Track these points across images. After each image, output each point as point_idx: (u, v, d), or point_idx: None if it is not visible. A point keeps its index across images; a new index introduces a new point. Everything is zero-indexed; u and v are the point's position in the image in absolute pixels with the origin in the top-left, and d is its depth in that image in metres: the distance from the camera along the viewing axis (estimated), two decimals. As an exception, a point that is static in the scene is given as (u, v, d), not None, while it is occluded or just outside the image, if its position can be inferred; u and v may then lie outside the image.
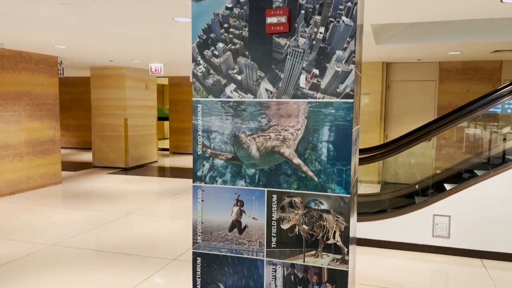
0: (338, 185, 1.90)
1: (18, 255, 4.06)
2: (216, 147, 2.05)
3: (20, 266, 3.79)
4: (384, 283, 3.51)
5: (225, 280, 2.08)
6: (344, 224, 1.91)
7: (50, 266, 3.80)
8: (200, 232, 2.11)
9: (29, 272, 3.66)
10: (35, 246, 4.33)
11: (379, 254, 4.25)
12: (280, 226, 1.99)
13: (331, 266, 1.93)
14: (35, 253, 4.14)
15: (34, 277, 3.56)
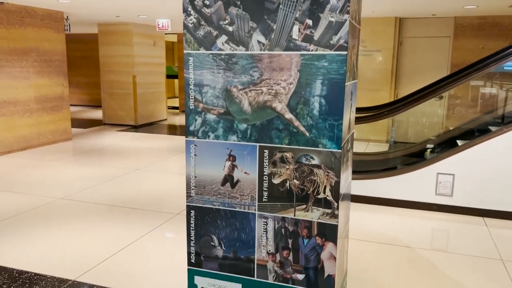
0: (329, 140, 1.88)
1: (27, 208, 4.18)
2: (208, 101, 2.02)
3: (29, 218, 3.91)
4: (385, 239, 3.55)
5: (218, 233, 2.12)
6: (335, 179, 1.90)
7: (57, 219, 3.92)
8: (193, 186, 2.12)
9: (37, 223, 3.79)
10: (43, 199, 4.46)
11: (382, 211, 4.27)
12: (272, 181, 1.99)
13: (321, 220, 1.95)
14: (43, 206, 4.26)
15: (42, 228, 3.68)
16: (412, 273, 2.97)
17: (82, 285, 2.72)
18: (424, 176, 4.28)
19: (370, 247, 3.40)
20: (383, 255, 3.26)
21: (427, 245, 3.47)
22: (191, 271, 2.20)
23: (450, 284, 2.83)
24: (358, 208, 4.36)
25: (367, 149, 7.50)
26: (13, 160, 6.28)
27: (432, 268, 3.06)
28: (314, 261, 1.99)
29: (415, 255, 3.27)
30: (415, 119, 7.39)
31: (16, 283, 2.75)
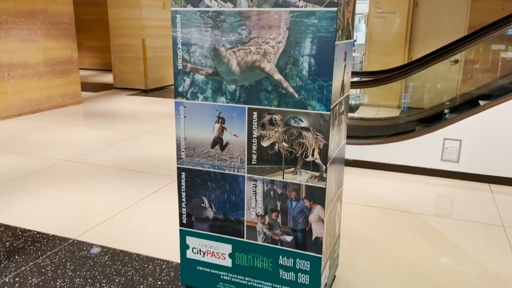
0: (318, 102, 1.82)
1: (34, 169, 4.26)
2: (196, 61, 1.97)
3: (35, 179, 4.00)
4: (387, 204, 3.53)
5: (209, 195, 2.12)
6: (323, 142, 1.86)
7: (62, 180, 3.99)
8: (183, 148, 2.11)
9: (42, 184, 3.87)
10: (50, 161, 4.53)
11: (387, 177, 4.24)
12: (261, 144, 1.96)
13: (309, 183, 1.92)
14: (50, 167, 4.34)
15: (47, 189, 3.76)
16: (411, 237, 2.96)
17: (82, 244, 2.79)
18: (431, 141, 4.20)
19: (371, 212, 3.39)
20: (384, 220, 3.25)
21: (429, 210, 3.45)
22: (182, 232, 2.22)
23: (449, 249, 2.82)
24: (363, 173, 4.33)
25: (377, 115, 7.39)
26: (23, 123, 6.38)
27: (433, 233, 3.05)
28: (302, 224, 1.98)
29: (417, 220, 3.25)
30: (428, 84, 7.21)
31: (18, 240, 2.83)
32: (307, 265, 2.02)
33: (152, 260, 2.61)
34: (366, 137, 5.23)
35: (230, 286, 2.19)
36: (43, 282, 2.36)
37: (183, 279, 2.30)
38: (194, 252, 2.23)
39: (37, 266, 2.52)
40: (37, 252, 2.68)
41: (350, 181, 4.08)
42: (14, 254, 2.65)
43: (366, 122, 6.30)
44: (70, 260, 2.59)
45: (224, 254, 2.16)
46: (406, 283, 2.41)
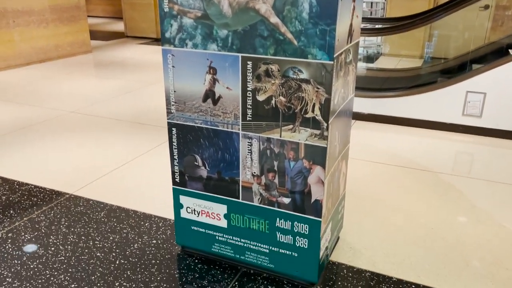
0: (320, 49, 1.59)
1: (36, 120, 4.17)
2: (183, 2, 1.74)
3: (36, 131, 3.91)
4: (402, 161, 3.33)
5: (202, 152, 1.96)
6: (325, 96, 1.65)
7: (64, 132, 3.89)
8: (173, 101, 1.93)
9: (44, 137, 3.78)
10: (54, 112, 4.43)
11: (403, 132, 4.01)
12: (256, 98, 1.76)
13: (309, 142, 1.73)
14: (52, 119, 4.24)
15: (48, 141, 3.67)
16: (425, 197, 2.78)
17: (79, 199, 2.71)
18: (452, 94, 3.91)
19: (383, 169, 3.20)
20: (397, 178, 3.07)
21: (446, 168, 3.23)
22: (176, 190, 2.09)
23: (464, 209, 2.64)
24: (378, 128, 4.10)
25: (398, 65, 7.00)
26: (30, 72, 6.26)
27: (448, 193, 2.86)
28: (300, 185, 1.82)
29: (432, 178, 3.06)
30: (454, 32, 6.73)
31: (15, 194, 2.77)
32: (305, 228, 1.88)
33: (149, 218, 2.51)
34: (383, 89, 4.94)
35: (226, 247, 2.08)
36: (36, 238, 2.30)
37: (178, 238, 2.19)
38: (188, 212, 2.10)
39: (32, 222, 2.45)
40: (32, 207, 2.61)
41: (364, 136, 3.87)
42: (9, 209, 2.59)
43: (385, 73, 5.97)
44: (65, 216, 2.51)
45: (219, 215, 2.04)
46: (415, 246, 2.27)
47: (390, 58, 7.90)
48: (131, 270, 2.05)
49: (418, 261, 2.15)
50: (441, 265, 2.12)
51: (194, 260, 2.15)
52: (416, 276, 2.05)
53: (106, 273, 2.03)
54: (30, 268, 2.06)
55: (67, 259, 2.13)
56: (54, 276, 2.01)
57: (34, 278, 1.99)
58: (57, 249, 2.21)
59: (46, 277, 2.00)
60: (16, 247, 2.22)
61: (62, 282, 1.97)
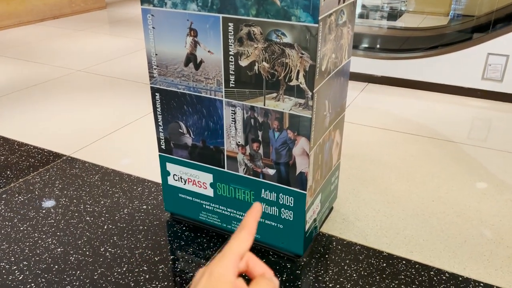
0: (304, 10, 1.45)
1: (43, 79, 4.15)
2: (161, -42, 1.61)
3: (41, 90, 3.90)
4: (413, 127, 3.18)
5: (186, 119, 1.88)
6: (309, 62, 1.52)
7: (68, 92, 3.87)
8: (155, 65, 1.83)
9: (48, 96, 3.76)
10: (61, 71, 4.40)
11: (417, 96, 3.81)
12: (238, 63, 1.64)
13: (293, 112, 1.63)
14: (59, 78, 4.21)
15: (51, 101, 3.66)
16: (433, 167, 2.65)
17: (75, 161, 2.71)
18: (471, 56, 3.66)
19: (391, 136, 3.06)
20: (404, 145, 2.93)
21: (460, 136, 3.07)
22: (162, 158, 2.04)
23: (471, 180, 2.50)
24: (391, 92, 3.91)
25: (421, 24, 6.63)
26: (43, 29, 6.21)
27: (459, 162, 2.71)
28: (285, 157, 1.73)
29: (444, 146, 2.91)
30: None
31: (14, 155, 2.78)
32: (290, 200, 1.80)
33: (142, 182, 2.49)
34: (398, 50, 4.69)
35: (213, 216, 2.04)
36: (29, 200, 2.31)
37: (167, 205, 2.17)
38: (176, 179, 2.06)
39: (26, 183, 2.47)
40: (29, 168, 2.62)
41: (375, 100, 3.70)
42: (6, 169, 2.61)
43: (404, 32, 5.65)
44: (60, 178, 2.51)
45: (206, 184, 1.98)
46: (412, 219, 2.17)
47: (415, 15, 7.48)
48: (117, 236, 2.05)
49: (413, 236, 2.07)
50: (436, 241, 2.04)
51: (182, 227, 2.12)
52: (409, 251, 1.97)
53: (93, 238, 2.03)
54: (19, 230, 2.08)
55: (56, 222, 2.14)
56: (41, 239, 2.02)
57: (22, 241, 2.01)
58: (48, 211, 2.22)
59: (34, 239, 2.02)
60: (9, 208, 2.24)
61: (49, 245, 1.98)
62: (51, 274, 1.82)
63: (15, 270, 1.84)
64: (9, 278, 1.80)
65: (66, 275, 1.82)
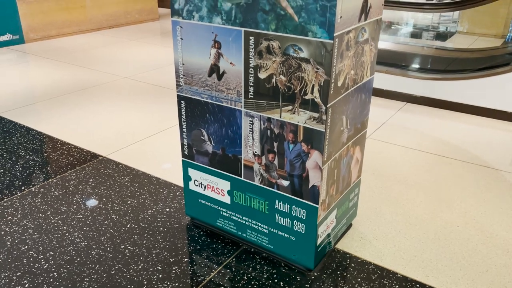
0: (320, 27, 1.48)
1: (91, 84, 4.42)
2: (190, -27, 1.71)
3: (89, 94, 4.14)
4: (448, 150, 3.09)
5: (207, 127, 1.95)
6: (324, 77, 1.54)
7: (114, 97, 4.08)
8: (182, 74, 1.92)
9: (95, 99, 3.99)
10: (109, 77, 4.65)
11: (459, 119, 3.70)
12: (258, 75, 1.70)
13: (307, 125, 1.65)
14: (106, 83, 4.46)
15: (95, 104, 3.88)
16: (464, 190, 2.56)
17: (109, 162, 2.86)
18: (518, 80, 3.51)
19: (425, 157, 2.99)
20: (436, 168, 2.85)
21: (500, 163, 2.93)
22: (185, 163, 2.12)
23: (502, 208, 2.39)
24: (429, 113, 3.82)
25: (473, 45, 6.41)
26: (99, 37, 6.60)
27: (493, 190, 2.60)
28: (299, 169, 1.75)
29: (479, 172, 2.80)
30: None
31: (56, 152, 2.98)
32: (303, 213, 1.82)
33: (168, 186, 2.58)
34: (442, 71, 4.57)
35: (229, 223, 2.09)
36: (63, 195, 2.47)
37: (187, 209, 2.24)
38: (196, 185, 2.13)
39: (63, 180, 2.63)
40: (67, 166, 2.80)
41: (410, 120, 3.63)
42: (47, 166, 2.80)
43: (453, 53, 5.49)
44: (93, 177, 2.66)
45: (223, 191, 2.04)
46: (434, 243, 2.11)
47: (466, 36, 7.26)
48: (138, 235, 2.14)
49: (432, 260, 2.01)
50: (456, 267, 1.96)
51: (200, 232, 2.18)
52: (425, 275, 1.91)
53: (115, 235, 2.14)
54: (51, 222, 2.23)
55: (84, 218, 2.27)
56: (69, 232, 2.15)
57: (51, 232, 2.15)
58: (78, 207, 2.36)
59: (62, 232, 2.15)
60: (44, 202, 2.41)
61: (74, 239, 2.11)
62: (73, 265, 1.94)
63: (42, 259, 1.97)
64: (35, 266, 1.93)
65: (86, 267, 1.92)
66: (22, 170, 2.73)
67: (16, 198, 2.43)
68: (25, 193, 2.48)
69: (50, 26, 6.41)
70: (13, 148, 3.01)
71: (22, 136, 3.21)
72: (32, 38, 6.22)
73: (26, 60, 5.45)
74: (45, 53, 5.65)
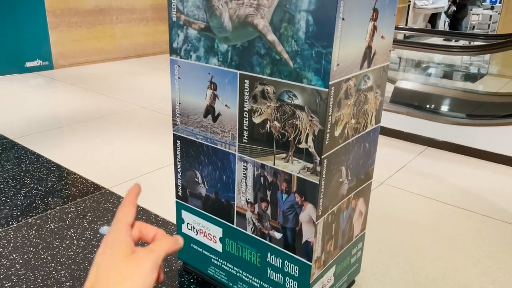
0: (315, 74, 1.39)
1: (110, 112, 4.45)
2: (189, 12, 1.66)
3: (106, 122, 4.16)
4: (468, 202, 2.88)
5: (201, 169, 1.86)
6: (319, 126, 1.44)
7: (129, 126, 4.08)
8: (178, 113, 1.86)
9: (111, 127, 4.00)
10: (127, 106, 4.68)
11: (479, 167, 3.49)
12: (252, 120, 1.61)
13: (301, 175, 1.53)
14: (123, 112, 4.48)
15: (109, 134, 3.88)
16: (481, 250, 2.35)
17: (111, 195, 2.80)
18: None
19: (443, 208, 2.79)
20: (456, 221, 2.65)
21: (517, 218, 2.72)
22: (178, 205, 2.02)
23: (521, 276, 2.17)
24: (450, 158, 3.62)
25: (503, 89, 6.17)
26: (125, 66, 6.73)
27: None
28: (292, 221, 1.62)
29: (503, 229, 2.59)
30: None
31: (60, 182, 2.95)
32: (295, 270, 1.68)
33: (166, 224, 2.49)
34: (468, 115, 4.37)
35: (221, 272, 1.96)
36: (58, 229, 2.41)
37: (180, 253, 2.13)
38: (189, 228, 2.03)
39: (62, 212, 2.58)
40: (68, 197, 2.76)
41: (430, 166, 3.44)
42: (49, 196, 2.77)
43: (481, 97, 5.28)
44: (92, 211, 2.60)
45: (215, 237, 1.92)
46: (442, 310, 1.91)
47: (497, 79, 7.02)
48: (126, 278, 2.04)
49: (440, 329, 1.81)
50: None
51: (190, 279, 2.06)
52: None
53: (103, 276, 2.04)
54: (40, 258, 2.16)
55: (75, 255, 2.19)
56: (56, 270, 2.08)
57: (39, 269, 2.08)
58: (71, 243, 2.29)
59: (50, 269, 2.08)
60: (38, 234, 2.35)
61: (60, 278, 2.03)
62: (53, 307, 1.84)
63: (23, 297, 1.89)
64: (15, 304, 1.85)
65: (66, 311, 1.83)
66: (24, 199, 2.71)
67: (11, 229, 2.39)
68: (21, 224, 2.44)
69: (80, 53, 6.60)
70: (20, 176, 3.01)
71: (31, 163, 3.21)
72: (61, 64, 6.41)
73: (52, 86, 5.58)
74: (71, 80, 5.78)
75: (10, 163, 3.20)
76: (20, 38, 5.86)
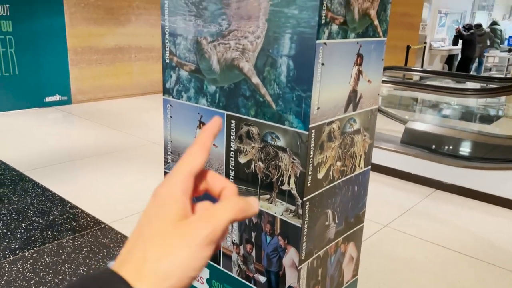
0: (296, 116, 1.40)
1: (120, 147, 4.53)
2: (181, 55, 1.71)
3: (117, 156, 4.23)
4: (475, 249, 2.78)
5: (191, 208, 1.86)
6: (300, 169, 1.43)
7: (139, 161, 4.14)
8: (170, 152, 1.89)
9: (120, 161, 4.06)
10: (138, 141, 4.77)
11: (488, 212, 3.38)
12: (238, 159, 1.61)
13: (284, 217, 1.52)
14: (133, 147, 4.56)
15: (116, 168, 3.93)
16: (478, 301, 2.25)
17: (110, 231, 2.81)
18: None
19: (448, 256, 2.70)
20: (461, 271, 2.55)
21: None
22: (169, 243, 2.01)
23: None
24: (459, 202, 3.53)
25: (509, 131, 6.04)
26: (141, 102, 6.90)
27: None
28: (275, 265, 1.59)
29: (508, 277, 2.47)
30: None
31: (62, 216, 2.98)
32: (279, 316, 1.63)
33: (161, 262, 2.46)
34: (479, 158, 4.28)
35: (208, 314, 1.92)
36: (52, 263, 2.42)
37: (169, 293, 2.09)
38: (178, 267, 2.00)
39: (59, 246, 2.60)
40: (67, 231, 2.78)
41: (436, 210, 3.36)
42: (48, 229, 2.79)
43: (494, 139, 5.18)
44: (89, 246, 2.61)
45: (203, 278, 1.89)
46: None
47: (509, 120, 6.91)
48: (113, 316, 2.01)
49: None
50: None
51: (178, 320, 2.01)
52: None
53: (90, 314, 2.01)
54: (31, 292, 2.16)
55: (65, 290, 2.18)
56: (45, 305, 2.07)
57: (27, 304, 2.07)
58: (63, 278, 2.29)
59: (38, 305, 2.07)
60: (32, 269, 2.36)
61: (48, 313, 2.01)
62: None
63: (8, 333, 1.88)
64: None
65: None
66: (24, 232, 2.74)
67: (6, 263, 2.40)
68: (17, 257, 2.46)
69: (98, 89, 6.82)
70: (24, 208, 3.06)
71: (36, 196, 3.27)
72: (79, 99, 6.62)
73: (69, 121, 5.75)
74: (88, 115, 5.95)
75: (16, 196, 3.26)
76: (41, 74, 6.11)
